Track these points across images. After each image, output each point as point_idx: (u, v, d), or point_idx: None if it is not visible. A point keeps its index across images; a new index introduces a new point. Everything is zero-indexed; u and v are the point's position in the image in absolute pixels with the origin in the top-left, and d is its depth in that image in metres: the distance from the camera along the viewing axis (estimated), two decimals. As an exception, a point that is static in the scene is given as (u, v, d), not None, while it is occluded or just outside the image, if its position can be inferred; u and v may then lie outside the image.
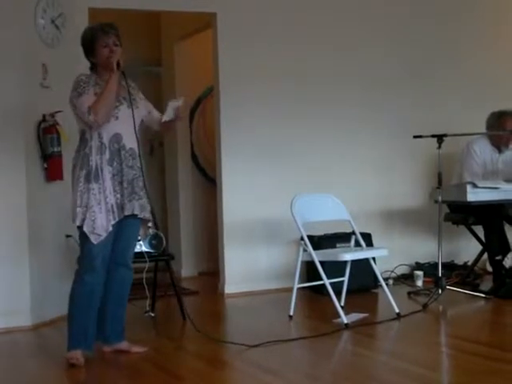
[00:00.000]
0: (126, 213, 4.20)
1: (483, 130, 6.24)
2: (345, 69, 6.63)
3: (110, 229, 4.16)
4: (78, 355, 4.19)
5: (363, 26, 6.69)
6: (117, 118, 4.19)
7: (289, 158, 6.43)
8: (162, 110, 4.42)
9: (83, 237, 4.18)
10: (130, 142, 4.24)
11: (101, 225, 4.12)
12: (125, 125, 4.21)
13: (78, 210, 4.13)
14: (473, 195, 5.68)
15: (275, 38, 6.40)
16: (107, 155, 4.16)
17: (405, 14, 6.87)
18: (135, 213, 4.24)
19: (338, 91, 6.58)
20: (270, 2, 6.43)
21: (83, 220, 4.12)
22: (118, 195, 4.18)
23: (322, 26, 6.55)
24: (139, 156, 4.27)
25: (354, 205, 6.00)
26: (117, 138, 4.19)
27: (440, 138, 5.65)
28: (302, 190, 5.69)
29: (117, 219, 4.17)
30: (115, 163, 4.18)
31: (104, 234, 4.14)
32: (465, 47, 7.08)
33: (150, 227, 4.48)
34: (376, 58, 6.74)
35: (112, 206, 4.15)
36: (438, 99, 6.91)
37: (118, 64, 4.14)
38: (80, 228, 4.16)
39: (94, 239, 4.13)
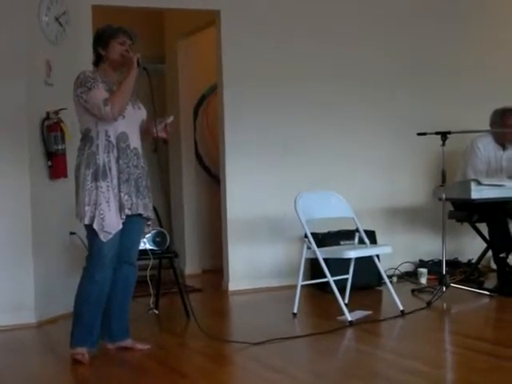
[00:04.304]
0: (132, 212, 4.21)
1: (487, 127, 6.24)
2: (348, 67, 6.61)
3: (120, 226, 4.16)
4: (83, 352, 4.19)
5: (367, 23, 6.68)
6: (123, 117, 4.20)
7: (292, 156, 6.42)
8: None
9: (92, 235, 4.17)
10: (135, 141, 4.27)
11: (110, 223, 4.12)
12: (130, 124, 4.24)
13: (87, 208, 4.12)
14: (477, 192, 5.67)
15: (279, 35, 6.39)
16: (115, 153, 4.17)
17: (408, 11, 6.85)
18: (140, 212, 4.25)
19: (342, 90, 6.56)
20: (273, 0, 6.42)
21: (92, 218, 4.12)
22: (124, 194, 4.18)
23: (326, 25, 6.54)
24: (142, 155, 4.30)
25: (358, 202, 6.00)
26: (123, 136, 4.20)
27: (444, 135, 5.63)
28: (305, 187, 5.69)
29: (124, 217, 4.18)
30: (121, 161, 4.18)
31: (113, 232, 4.14)
32: (469, 45, 7.06)
33: (149, 225, 4.49)
34: (379, 57, 6.72)
35: (120, 204, 4.16)
36: (442, 97, 6.90)
37: (138, 62, 4.16)
38: (88, 226, 4.16)
39: (103, 237, 4.12)
